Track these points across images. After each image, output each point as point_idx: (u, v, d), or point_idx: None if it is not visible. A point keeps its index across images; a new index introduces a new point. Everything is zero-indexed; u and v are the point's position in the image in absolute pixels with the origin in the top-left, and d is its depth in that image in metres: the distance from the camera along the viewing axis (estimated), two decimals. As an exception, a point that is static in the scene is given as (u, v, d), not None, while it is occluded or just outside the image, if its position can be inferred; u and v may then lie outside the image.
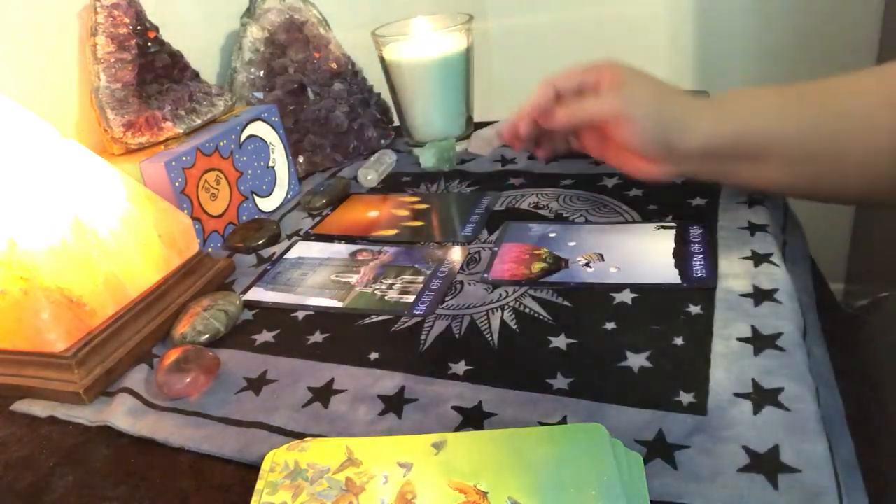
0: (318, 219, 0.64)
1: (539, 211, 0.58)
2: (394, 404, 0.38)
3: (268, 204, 0.67)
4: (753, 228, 0.49)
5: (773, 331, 0.39)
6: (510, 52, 1.48)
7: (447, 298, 0.48)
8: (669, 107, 0.47)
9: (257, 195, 0.65)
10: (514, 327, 0.43)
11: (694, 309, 0.42)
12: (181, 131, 0.60)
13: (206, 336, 0.46)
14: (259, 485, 0.33)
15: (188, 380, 0.41)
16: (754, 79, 1.35)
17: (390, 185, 0.69)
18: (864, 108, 0.45)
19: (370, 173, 0.69)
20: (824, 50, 1.27)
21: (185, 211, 0.57)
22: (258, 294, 0.52)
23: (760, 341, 0.38)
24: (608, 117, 0.48)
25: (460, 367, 0.40)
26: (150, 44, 0.60)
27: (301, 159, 0.74)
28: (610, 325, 0.42)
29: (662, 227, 0.51)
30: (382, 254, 0.55)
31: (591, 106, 0.49)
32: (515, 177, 0.66)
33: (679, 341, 0.40)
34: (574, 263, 0.49)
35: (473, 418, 0.37)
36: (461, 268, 0.51)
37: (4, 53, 0.56)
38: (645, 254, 0.48)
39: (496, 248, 0.53)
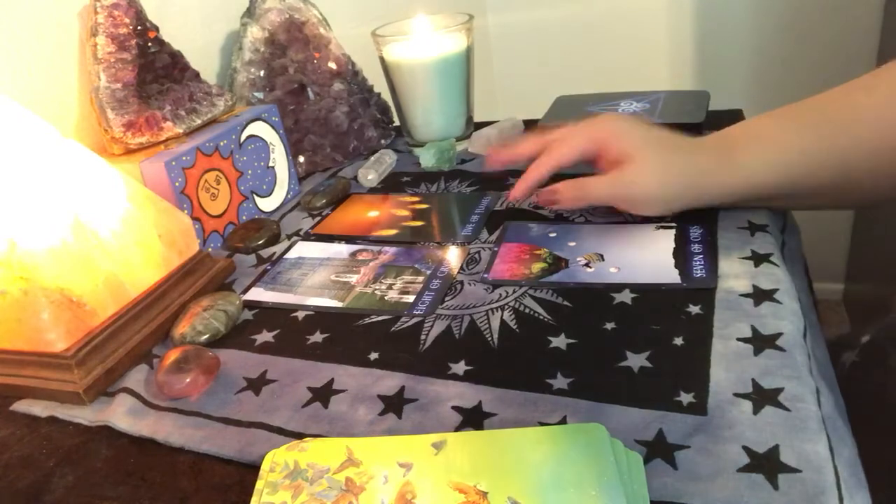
0: (318, 219, 0.64)
1: (539, 211, 0.58)
2: (394, 404, 0.38)
3: (268, 204, 0.67)
4: (753, 228, 0.49)
5: (773, 331, 0.39)
6: (510, 52, 1.48)
7: (447, 298, 0.48)
8: (676, 179, 0.49)
9: (257, 195, 0.65)
10: (514, 327, 0.43)
11: (694, 309, 0.42)
12: (181, 131, 0.60)
13: (206, 336, 0.46)
14: (259, 485, 0.33)
15: (188, 380, 0.41)
16: (754, 77, 1.35)
17: (390, 185, 0.69)
18: (878, 140, 0.44)
19: (370, 173, 0.69)
20: (824, 49, 1.27)
21: (185, 211, 0.57)
22: (258, 294, 0.52)
23: (760, 341, 0.38)
24: (613, 203, 0.51)
25: (460, 367, 0.40)
26: (150, 44, 0.60)
27: (301, 159, 0.74)
28: (610, 325, 0.42)
29: (662, 228, 0.51)
30: (382, 254, 0.55)
31: (595, 191, 0.50)
32: (515, 176, 0.65)
33: (679, 341, 0.39)
34: (574, 263, 0.49)
35: (473, 418, 0.36)
36: (461, 268, 0.51)
37: (4, 53, 0.56)
38: (645, 254, 0.48)
39: (496, 248, 0.53)
